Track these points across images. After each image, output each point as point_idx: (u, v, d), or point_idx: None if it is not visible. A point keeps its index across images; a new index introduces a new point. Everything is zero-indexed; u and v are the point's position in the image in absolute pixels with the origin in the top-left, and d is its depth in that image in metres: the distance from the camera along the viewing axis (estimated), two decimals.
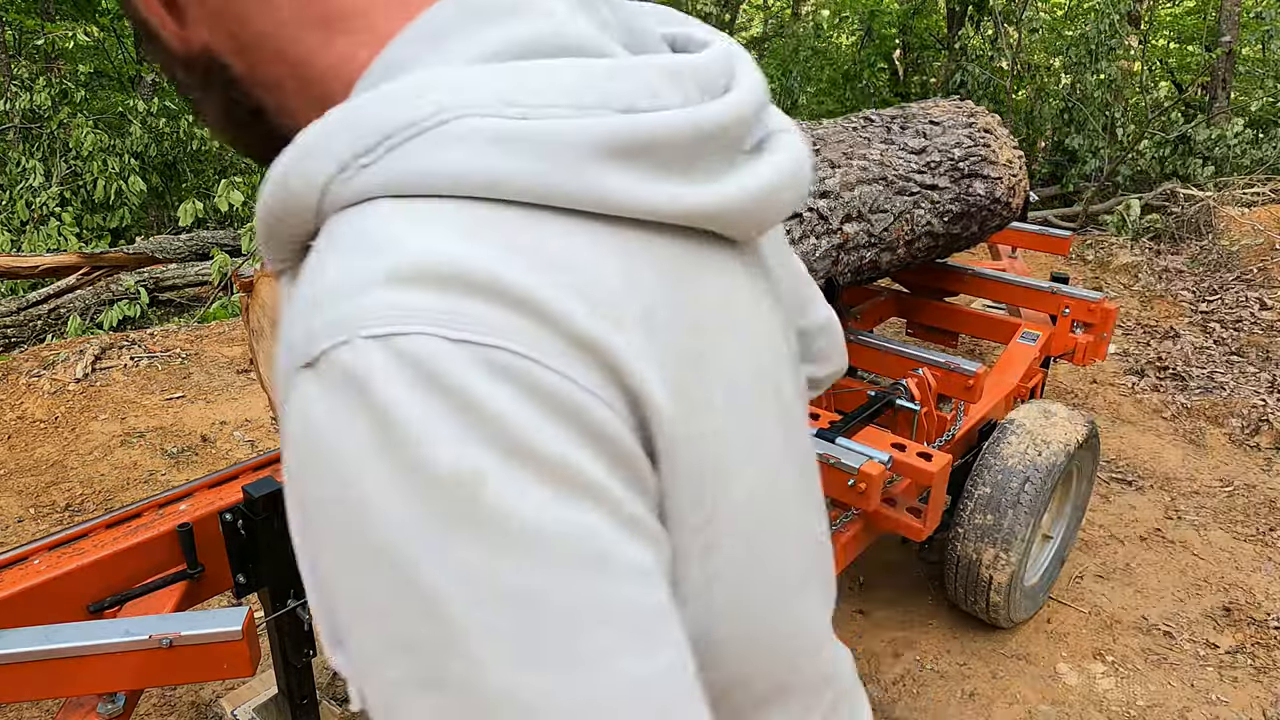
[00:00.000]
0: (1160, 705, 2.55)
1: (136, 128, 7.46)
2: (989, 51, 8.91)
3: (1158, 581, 3.10)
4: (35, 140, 7.29)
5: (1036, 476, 2.51)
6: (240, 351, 4.82)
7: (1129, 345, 5.02)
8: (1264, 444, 3.98)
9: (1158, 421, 4.25)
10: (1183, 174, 7.75)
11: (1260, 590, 3.04)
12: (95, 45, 8.75)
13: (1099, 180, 7.72)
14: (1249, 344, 4.88)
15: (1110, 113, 7.73)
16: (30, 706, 2.48)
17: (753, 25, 17.10)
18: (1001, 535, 2.51)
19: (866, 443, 2.10)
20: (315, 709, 2.14)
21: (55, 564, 1.74)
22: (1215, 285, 5.68)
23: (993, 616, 2.69)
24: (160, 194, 8.11)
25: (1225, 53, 7.78)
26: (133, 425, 3.99)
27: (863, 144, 2.69)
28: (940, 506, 2.14)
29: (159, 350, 4.66)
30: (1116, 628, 2.86)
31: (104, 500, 3.50)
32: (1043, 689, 2.60)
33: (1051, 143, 8.68)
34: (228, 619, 1.49)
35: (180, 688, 2.54)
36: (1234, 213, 6.40)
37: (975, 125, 3.11)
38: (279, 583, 1.97)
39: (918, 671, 2.66)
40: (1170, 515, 3.49)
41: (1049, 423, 2.64)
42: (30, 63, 8.12)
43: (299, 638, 2.02)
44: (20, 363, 4.41)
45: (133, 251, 6.16)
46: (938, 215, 2.83)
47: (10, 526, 3.31)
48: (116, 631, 1.47)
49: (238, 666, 1.50)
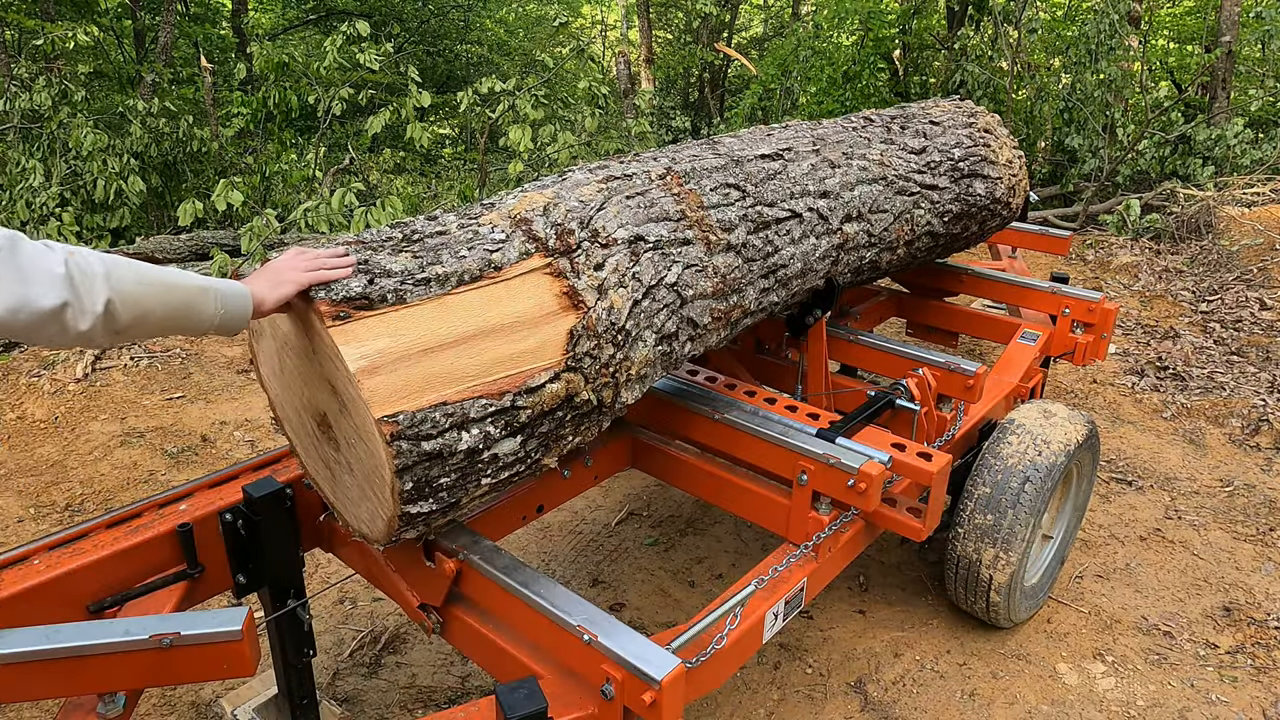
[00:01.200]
0: (1160, 705, 2.55)
1: (136, 128, 7.45)
2: (989, 51, 8.90)
3: (1158, 581, 3.10)
4: (35, 140, 7.29)
5: (1036, 476, 2.51)
6: (240, 351, 4.82)
7: (1129, 345, 5.02)
8: (1264, 444, 3.98)
9: (1158, 421, 4.25)
10: (1183, 174, 7.75)
11: (1260, 590, 3.04)
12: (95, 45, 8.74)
13: (1099, 180, 7.72)
14: (1249, 344, 4.88)
15: (1110, 113, 7.73)
16: (30, 706, 2.48)
17: (753, 25, 17.09)
18: (1001, 535, 2.51)
19: (866, 443, 2.10)
20: (315, 709, 2.14)
21: (55, 564, 1.74)
22: (1215, 285, 5.68)
23: (993, 616, 2.69)
24: (160, 194, 8.11)
25: (1225, 53, 7.77)
26: (133, 425, 3.99)
27: (863, 144, 2.69)
28: (940, 506, 2.14)
29: (159, 350, 4.66)
30: (1116, 628, 2.86)
31: (104, 500, 3.50)
32: (1043, 689, 2.60)
33: (1051, 143, 8.68)
34: (228, 619, 1.49)
35: (180, 688, 2.54)
36: (1234, 213, 6.40)
37: (975, 125, 3.11)
38: (279, 583, 1.97)
39: (918, 671, 2.66)
40: (1170, 515, 3.49)
41: (1049, 423, 2.64)
42: (30, 63, 8.11)
43: (299, 638, 2.02)
44: (20, 363, 4.41)
45: (133, 251, 6.16)
46: (938, 215, 2.83)
47: (10, 526, 3.31)
48: (116, 631, 1.47)
49: (238, 666, 1.50)
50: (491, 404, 1.58)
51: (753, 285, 2.15)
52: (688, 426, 2.33)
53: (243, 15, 12.21)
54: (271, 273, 1.54)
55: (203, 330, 1.47)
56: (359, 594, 2.98)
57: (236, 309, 1.48)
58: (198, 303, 1.43)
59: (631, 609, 2.93)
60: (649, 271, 1.87)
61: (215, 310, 1.46)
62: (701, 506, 3.52)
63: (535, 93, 6.88)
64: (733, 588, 1.90)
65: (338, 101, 6.71)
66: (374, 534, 1.67)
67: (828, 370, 2.70)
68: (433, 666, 2.66)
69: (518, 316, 1.65)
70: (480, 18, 15.13)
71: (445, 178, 10.07)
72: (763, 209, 2.21)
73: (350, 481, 1.68)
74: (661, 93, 13.50)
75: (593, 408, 1.77)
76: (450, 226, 1.75)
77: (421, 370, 1.51)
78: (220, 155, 8.45)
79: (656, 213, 1.96)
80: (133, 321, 1.35)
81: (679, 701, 1.52)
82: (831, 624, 2.87)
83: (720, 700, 2.55)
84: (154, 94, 8.43)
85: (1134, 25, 8.55)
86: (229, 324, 1.48)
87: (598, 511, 3.51)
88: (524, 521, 2.24)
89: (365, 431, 1.51)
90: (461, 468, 1.58)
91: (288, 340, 1.67)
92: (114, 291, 1.32)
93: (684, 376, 2.44)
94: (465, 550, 1.81)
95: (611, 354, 1.77)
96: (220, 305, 1.46)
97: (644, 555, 3.22)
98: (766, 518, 2.19)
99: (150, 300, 1.37)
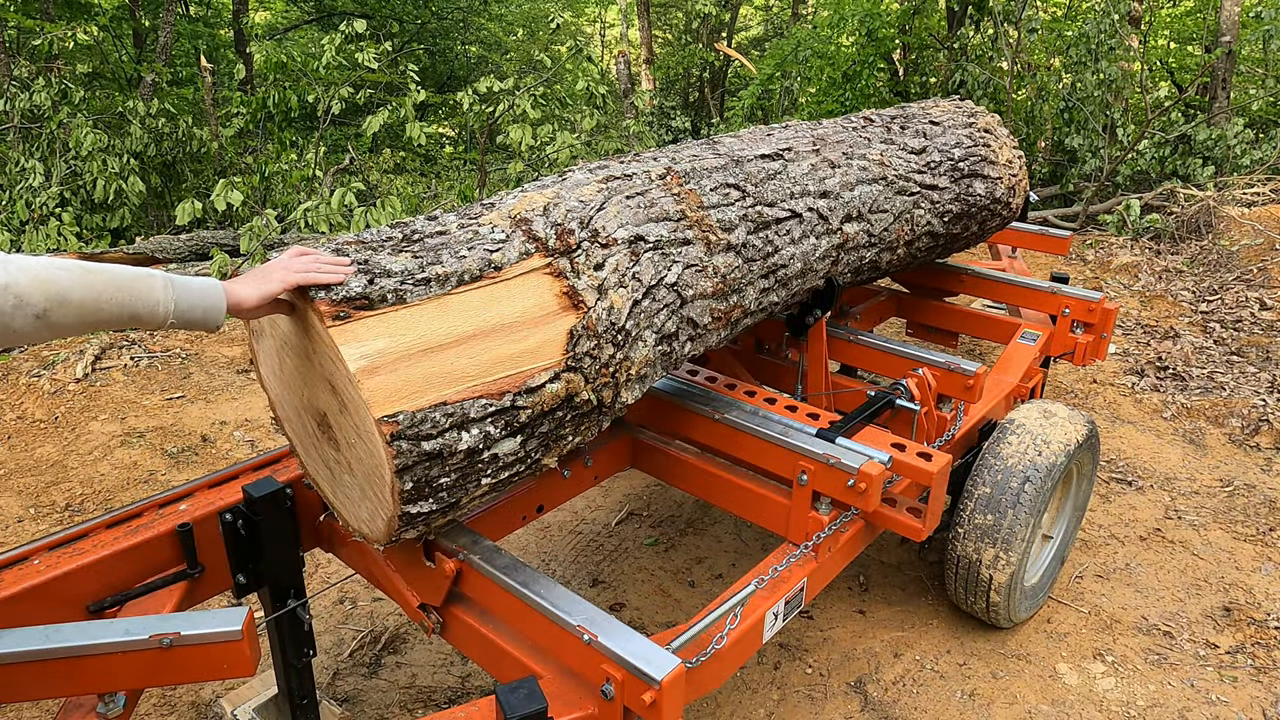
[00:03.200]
0: (1160, 705, 2.55)
1: (136, 128, 7.45)
2: (989, 51, 8.90)
3: (1158, 581, 3.10)
4: (35, 140, 7.29)
5: (1036, 476, 2.51)
6: (240, 351, 4.82)
7: (1129, 345, 5.02)
8: (1264, 444, 3.98)
9: (1158, 421, 4.25)
10: (1183, 174, 7.75)
11: (1260, 590, 3.04)
12: (94, 45, 8.74)
13: (1099, 180, 7.72)
14: (1249, 344, 4.88)
15: (1110, 113, 7.73)
16: (30, 706, 2.48)
17: (752, 26, 17.10)
18: (1001, 535, 2.51)
19: (866, 443, 2.10)
20: (315, 709, 2.14)
21: (55, 564, 1.74)
22: (1215, 285, 5.68)
23: (993, 616, 2.69)
24: (160, 194, 8.11)
25: (1225, 53, 7.78)
26: (133, 425, 3.99)
27: (863, 144, 2.69)
28: (940, 506, 2.14)
29: (159, 350, 4.66)
30: (1116, 628, 2.86)
31: (104, 500, 3.50)
32: (1043, 689, 2.60)
33: (1051, 143, 8.68)
34: (228, 619, 1.49)
35: (180, 688, 2.54)
36: (1234, 213, 6.40)
37: (975, 125, 3.11)
38: (279, 583, 1.97)
39: (918, 671, 2.66)
40: (1170, 515, 3.49)
41: (1049, 423, 2.64)
42: (30, 63, 8.11)
43: (299, 638, 2.02)
44: (20, 363, 4.41)
45: (133, 251, 6.16)
46: (938, 215, 2.83)
47: (10, 526, 3.31)
48: (116, 631, 1.47)
49: (238, 666, 1.50)
50: (491, 404, 1.58)
51: (753, 285, 2.15)
52: (688, 426, 2.33)
53: (243, 15, 12.21)
54: (261, 270, 1.53)
55: (157, 319, 1.42)
56: (359, 594, 2.98)
57: (200, 301, 1.45)
58: (137, 288, 1.39)
59: (631, 609, 2.93)
60: (649, 271, 1.87)
61: (166, 296, 1.41)
62: (701, 506, 3.52)
63: (534, 92, 6.88)
64: (733, 588, 1.90)
65: (337, 101, 6.71)
66: (374, 534, 1.67)
67: (828, 370, 2.70)
68: (433, 666, 2.66)
69: (518, 316, 1.65)
70: (480, 18, 15.13)
71: (445, 178, 10.07)
72: (763, 209, 2.21)
73: (350, 481, 1.68)
74: (661, 93, 13.50)
75: (593, 408, 1.77)
76: (450, 226, 1.75)
77: (421, 370, 1.51)
78: (220, 155, 8.45)
79: (656, 213, 1.96)
80: (50, 303, 1.30)
81: (679, 701, 1.52)
82: (831, 624, 2.87)
83: (720, 700, 2.55)
84: (154, 94, 8.43)
85: (1134, 25, 8.55)
86: (191, 315, 1.44)
87: (598, 511, 3.51)
88: (524, 521, 2.24)
89: (365, 431, 1.51)
90: (461, 468, 1.58)
91: (288, 340, 1.67)
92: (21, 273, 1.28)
93: (684, 376, 2.44)
94: (465, 550, 1.81)
95: (611, 354, 1.77)
96: (173, 292, 1.42)
97: (644, 555, 3.22)
98: (766, 518, 2.19)
99: (68, 281, 1.32)
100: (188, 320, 1.46)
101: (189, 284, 1.46)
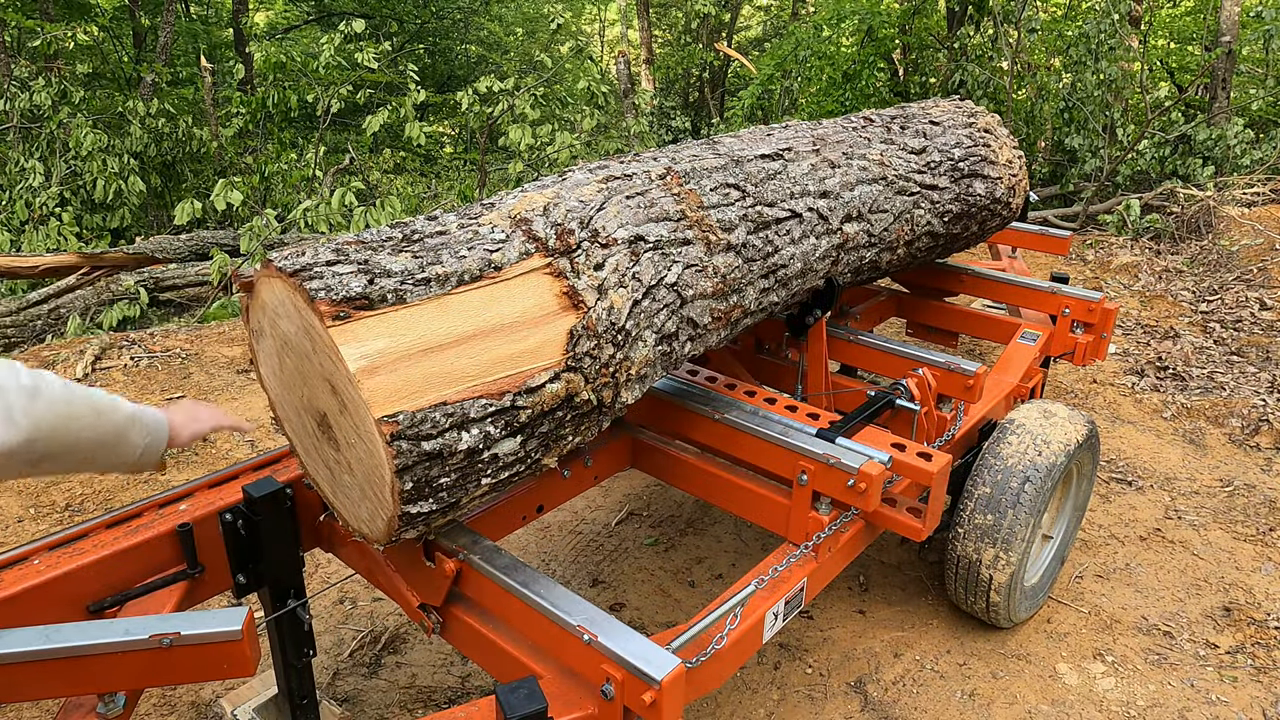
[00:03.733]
0: (1160, 705, 2.55)
1: (136, 128, 7.45)
2: (989, 51, 8.90)
3: (1158, 581, 3.10)
4: (35, 140, 7.29)
5: (1036, 476, 2.51)
6: (240, 351, 4.82)
7: (1129, 345, 5.02)
8: (1264, 444, 3.98)
9: (1158, 421, 4.25)
10: (1183, 174, 7.75)
11: (1260, 590, 3.04)
12: (94, 45, 8.74)
13: (1099, 180, 7.72)
14: (1249, 344, 4.88)
15: (1110, 113, 7.73)
16: (30, 706, 2.48)
17: (752, 26, 17.10)
18: (1001, 535, 2.51)
19: (866, 443, 2.10)
20: (315, 709, 2.14)
21: (55, 564, 1.74)
22: (1215, 285, 5.68)
23: (993, 616, 2.69)
24: (160, 194, 8.11)
25: (1225, 53, 7.78)
26: None
27: (863, 144, 2.69)
28: (940, 506, 2.14)
29: (159, 350, 4.65)
30: (1116, 628, 2.86)
31: (104, 500, 3.50)
32: (1043, 689, 2.60)
33: (1051, 143, 8.68)
34: (228, 619, 1.49)
35: (180, 688, 2.54)
36: (1234, 213, 6.40)
37: (975, 125, 3.11)
38: (279, 583, 1.97)
39: (918, 671, 2.66)
40: (1170, 515, 3.49)
41: (1049, 423, 2.64)
42: (30, 63, 8.11)
43: (299, 638, 2.02)
44: (20, 363, 4.40)
45: (133, 251, 6.16)
46: (938, 215, 2.83)
47: (10, 526, 3.31)
48: (116, 631, 1.47)
49: (238, 666, 1.50)
50: (491, 404, 1.57)
51: (753, 285, 2.15)
52: (688, 426, 2.33)
53: (243, 15, 12.21)
54: (188, 408, 1.69)
55: (127, 465, 1.53)
56: (359, 594, 2.98)
57: (157, 440, 1.59)
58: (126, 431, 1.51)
59: (631, 609, 2.93)
60: (649, 271, 1.87)
61: (140, 440, 1.54)
62: (701, 506, 3.52)
63: (534, 92, 6.88)
64: (733, 588, 1.90)
65: (337, 101, 6.71)
66: (374, 534, 1.67)
67: (828, 370, 2.70)
68: (433, 666, 2.66)
69: (518, 316, 1.65)
70: (480, 18, 15.13)
71: (445, 178, 10.07)
72: (763, 209, 2.21)
73: (350, 481, 1.68)
74: (661, 93, 13.50)
75: (593, 408, 1.77)
76: (450, 226, 1.75)
77: (421, 370, 1.51)
78: (220, 155, 8.45)
79: (656, 213, 1.96)
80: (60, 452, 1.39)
81: (679, 701, 1.52)
82: (831, 624, 2.87)
83: (720, 700, 2.55)
84: (154, 94, 8.43)
85: (1134, 25, 8.55)
86: (149, 457, 1.57)
87: (598, 511, 3.51)
88: (524, 521, 2.24)
89: (365, 431, 1.51)
90: (461, 468, 1.58)
91: (288, 340, 1.67)
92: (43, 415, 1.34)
93: (684, 376, 2.44)
94: (465, 550, 1.81)
95: (611, 354, 1.77)
96: (145, 434, 1.55)
97: (644, 555, 3.22)
98: (766, 518, 2.19)
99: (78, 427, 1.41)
100: (141, 463, 1.60)
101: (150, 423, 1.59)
